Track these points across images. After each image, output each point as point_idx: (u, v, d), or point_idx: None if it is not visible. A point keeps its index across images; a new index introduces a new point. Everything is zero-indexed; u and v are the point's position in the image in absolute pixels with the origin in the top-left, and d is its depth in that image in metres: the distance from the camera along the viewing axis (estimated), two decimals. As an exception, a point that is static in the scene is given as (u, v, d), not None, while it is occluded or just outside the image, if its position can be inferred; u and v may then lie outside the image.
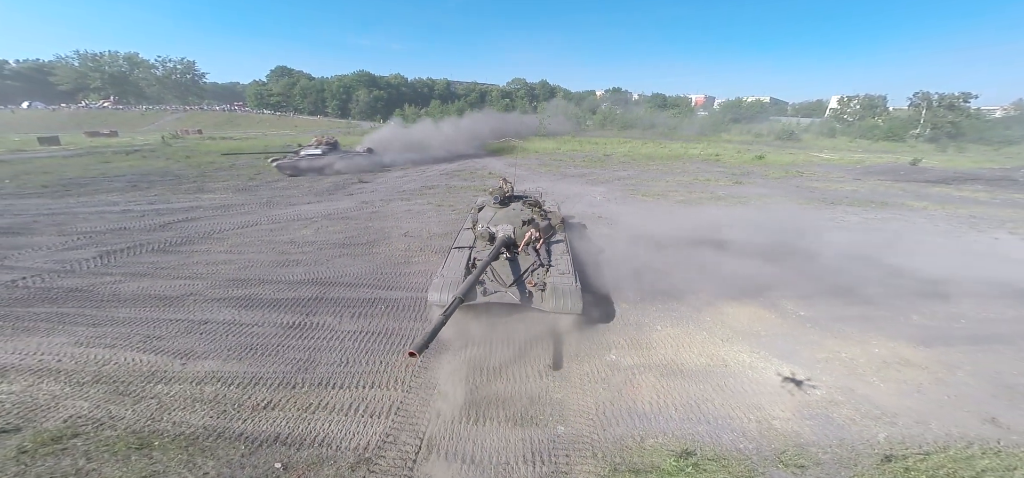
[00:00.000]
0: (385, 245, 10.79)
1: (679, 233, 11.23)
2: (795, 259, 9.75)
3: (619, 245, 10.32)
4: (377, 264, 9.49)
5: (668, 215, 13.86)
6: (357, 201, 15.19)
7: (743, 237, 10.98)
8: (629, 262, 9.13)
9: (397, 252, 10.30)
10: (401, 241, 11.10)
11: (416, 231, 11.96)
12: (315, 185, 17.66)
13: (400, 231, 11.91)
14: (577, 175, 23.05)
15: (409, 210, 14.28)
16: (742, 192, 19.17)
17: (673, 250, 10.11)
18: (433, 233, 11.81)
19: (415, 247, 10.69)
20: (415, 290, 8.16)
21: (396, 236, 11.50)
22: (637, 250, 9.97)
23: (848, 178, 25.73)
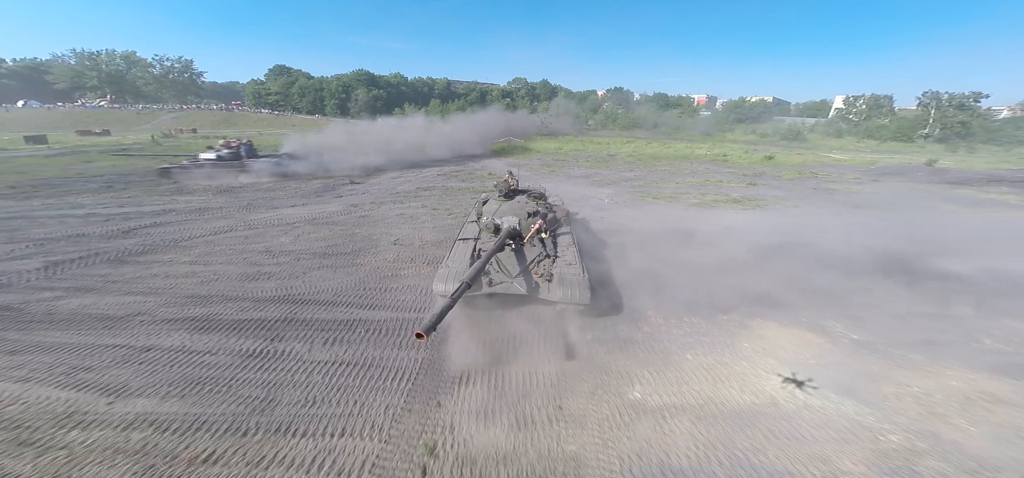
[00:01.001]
0: (371, 255, 9.68)
1: (697, 242, 10.12)
2: (836, 274, 8.63)
3: (633, 256, 9.20)
4: (360, 277, 8.37)
5: (680, 219, 12.72)
6: (345, 204, 14.09)
7: (769, 241, 9.87)
8: (646, 277, 8.02)
9: (384, 263, 9.19)
10: (390, 250, 9.99)
11: (407, 238, 10.85)
12: (303, 187, 16.55)
13: (390, 238, 10.80)
14: (582, 176, 21.94)
15: (402, 214, 13.17)
16: (757, 195, 18.04)
17: (690, 260, 8.99)
18: (426, 241, 10.70)
19: (405, 257, 9.58)
20: (403, 310, 7.05)
21: (385, 244, 10.39)
22: (652, 261, 8.85)
23: (864, 179, 24.63)
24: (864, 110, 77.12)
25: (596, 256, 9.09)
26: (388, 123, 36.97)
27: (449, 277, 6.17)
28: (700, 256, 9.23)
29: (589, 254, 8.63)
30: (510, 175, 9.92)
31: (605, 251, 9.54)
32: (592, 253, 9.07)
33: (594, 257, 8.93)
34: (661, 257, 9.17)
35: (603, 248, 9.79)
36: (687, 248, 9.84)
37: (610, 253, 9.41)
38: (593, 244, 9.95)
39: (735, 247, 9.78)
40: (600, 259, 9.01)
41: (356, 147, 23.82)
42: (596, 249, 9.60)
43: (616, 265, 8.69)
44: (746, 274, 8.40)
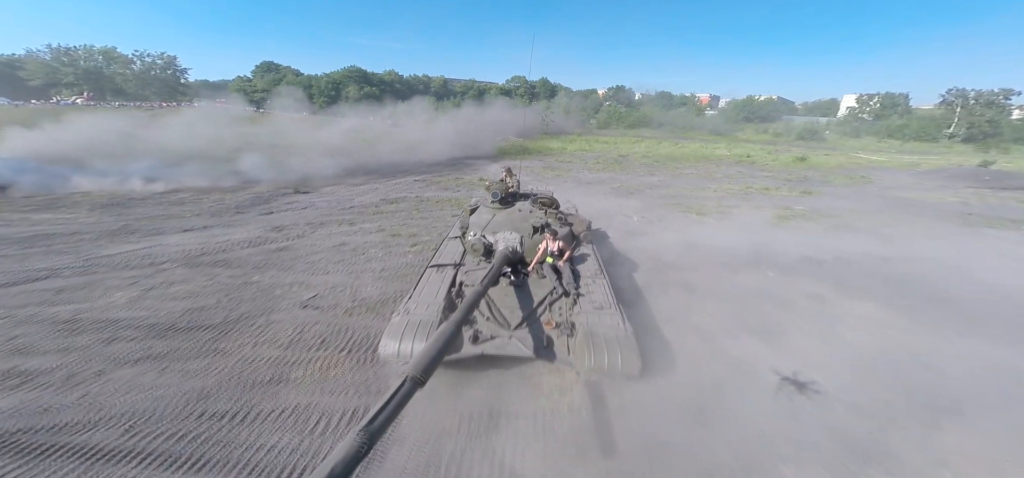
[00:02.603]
0: (252, 332, 5.50)
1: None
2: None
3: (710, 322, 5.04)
4: (197, 389, 4.24)
5: (771, 253, 8.57)
6: (267, 227, 9.84)
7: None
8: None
9: (266, 354, 5.03)
10: (289, 320, 5.82)
11: (331, 294, 6.66)
12: (226, 199, 12.31)
13: (302, 294, 6.61)
14: (594, 182, 17.78)
15: (343, 244, 8.97)
16: (825, 208, 13.92)
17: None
18: (362, 300, 6.52)
19: (311, 338, 5.41)
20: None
21: (287, 306, 6.22)
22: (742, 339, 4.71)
23: (924, 184, 20.62)
24: (878, 108, 73.78)
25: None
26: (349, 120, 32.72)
27: (408, 331, 4.13)
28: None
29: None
30: (507, 174, 7.72)
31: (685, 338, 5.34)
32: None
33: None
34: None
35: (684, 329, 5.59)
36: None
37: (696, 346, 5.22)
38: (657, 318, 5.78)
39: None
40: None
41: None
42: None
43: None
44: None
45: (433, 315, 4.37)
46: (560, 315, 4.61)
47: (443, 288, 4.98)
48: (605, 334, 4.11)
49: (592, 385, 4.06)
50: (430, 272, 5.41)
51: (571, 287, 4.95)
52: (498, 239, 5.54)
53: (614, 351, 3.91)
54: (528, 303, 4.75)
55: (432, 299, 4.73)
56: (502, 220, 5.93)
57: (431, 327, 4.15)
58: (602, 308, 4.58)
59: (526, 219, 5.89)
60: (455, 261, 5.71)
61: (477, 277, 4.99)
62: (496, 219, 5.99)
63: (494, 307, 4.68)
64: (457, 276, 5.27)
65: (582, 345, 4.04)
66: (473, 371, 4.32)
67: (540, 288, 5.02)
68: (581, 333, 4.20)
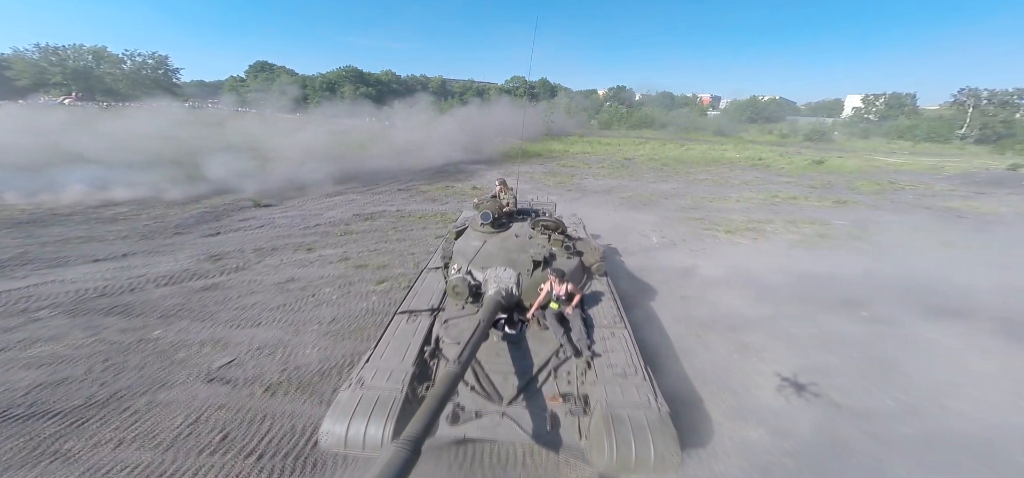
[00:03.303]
0: (120, 423, 3.72)
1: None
2: None
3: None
4: None
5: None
6: (201, 255, 7.94)
7: None
8: None
9: (128, 466, 3.30)
10: (182, 404, 4.02)
11: (256, 359, 4.84)
12: (168, 216, 10.38)
13: (215, 358, 4.79)
14: (601, 190, 15.93)
15: (290, 281, 7.11)
16: (869, 220, 12.11)
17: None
18: (300, 367, 4.71)
19: (207, 436, 3.67)
20: None
21: (187, 378, 4.39)
22: None
23: (962, 191, 18.80)
24: (883, 109, 72.43)
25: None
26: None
27: (362, 408, 2.97)
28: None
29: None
30: (502, 187, 6.38)
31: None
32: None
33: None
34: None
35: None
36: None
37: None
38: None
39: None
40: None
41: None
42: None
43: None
44: None
45: (397, 387, 3.24)
46: (569, 383, 3.54)
47: (414, 345, 3.76)
48: (631, 414, 3.11)
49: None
50: (399, 321, 4.15)
51: (583, 344, 3.76)
52: (488, 278, 4.31)
53: (644, 439, 2.93)
54: (526, 366, 3.64)
55: (398, 362, 3.52)
56: (494, 250, 4.62)
57: (394, 405, 3.04)
58: (626, 375, 3.47)
59: (524, 248, 4.58)
60: (433, 305, 4.44)
61: (461, 330, 3.88)
62: (487, 248, 4.66)
63: (481, 372, 3.55)
64: (433, 327, 4.06)
65: (599, 428, 3.06)
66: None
67: (542, 344, 3.87)
68: (598, 411, 3.16)
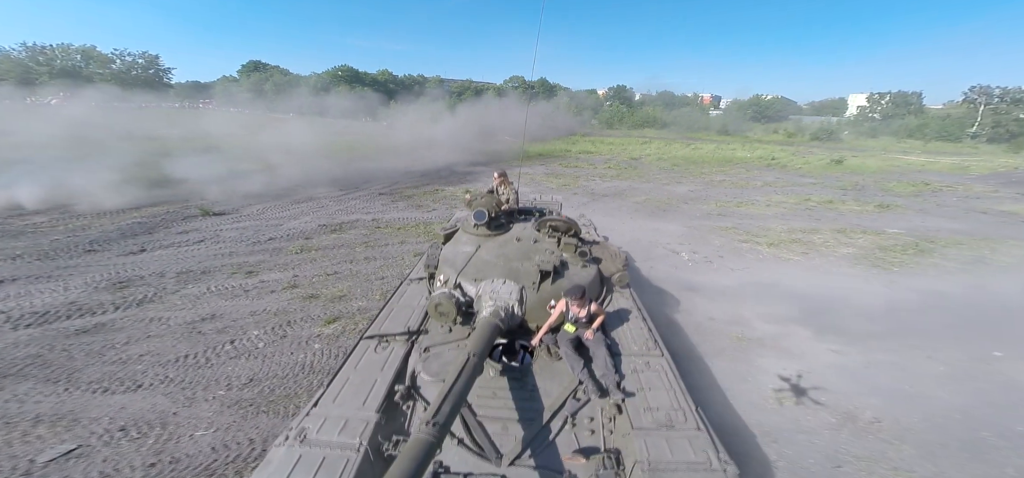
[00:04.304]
0: None
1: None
2: None
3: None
4: None
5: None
6: (102, 281, 6.09)
7: None
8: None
9: None
10: None
11: (112, 447, 3.10)
12: (90, 228, 8.52)
13: (46, 446, 3.02)
14: (611, 193, 14.11)
15: (208, 319, 5.29)
16: (929, 227, 10.33)
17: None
18: (178, 460, 2.94)
19: None
20: None
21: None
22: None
23: (1004, 193, 17.10)
24: (889, 108, 71.48)
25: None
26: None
27: (302, 473, 2.10)
28: None
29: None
30: (501, 180, 5.22)
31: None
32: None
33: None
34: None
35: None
36: None
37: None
38: None
39: None
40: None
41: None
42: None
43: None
44: None
45: (353, 443, 2.27)
46: (592, 434, 2.53)
47: (382, 382, 2.80)
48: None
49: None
50: (365, 347, 3.20)
51: (611, 380, 2.77)
52: (482, 293, 3.36)
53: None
54: (534, 411, 2.71)
55: (357, 407, 2.56)
56: (490, 257, 3.76)
57: (346, 470, 2.10)
58: (672, 424, 2.46)
59: (529, 254, 3.72)
60: (410, 327, 3.46)
61: (445, 362, 2.95)
62: (481, 254, 3.81)
63: (472, 421, 2.58)
64: (410, 357, 3.13)
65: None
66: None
67: (554, 380, 2.94)
68: (636, 474, 2.17)
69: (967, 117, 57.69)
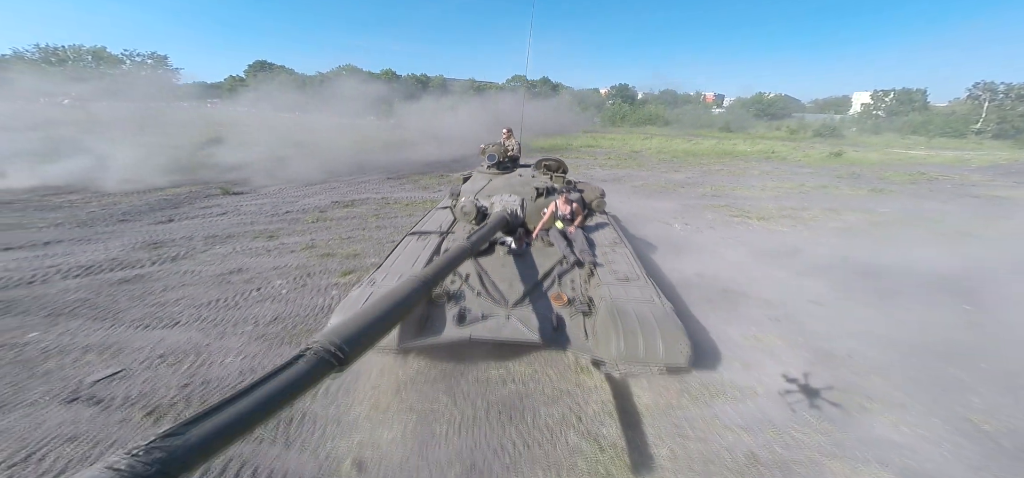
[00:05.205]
0: None
1: None
2: None
3: None
4: None
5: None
6: (139, 242, 6.58)
7: None
8: None
9: None
10: (17, 434, 2.74)
11: (151, 371, 3.57)
12: (120, 203, 9.10)
13: (94, 370, 3.53)
14: (609, 179, 14.56)
15: (236, 272, 5.79)
16: (925, 210, 10.68)
17: None
18: (206, 382, 3.47)
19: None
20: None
21: (42, 396, 3.13)
22: None
23: (1002, 181, 17.33)
24: (893, 105, 71.18)
25: None
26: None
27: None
28: None
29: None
30: (508, 134, 6.58)
31: None
32: None
33: None
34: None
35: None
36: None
37: None
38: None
39: None
40: None
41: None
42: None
43: None
44: None
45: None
46: (573, 289, 3.69)
47: (424, 256, 4.02)
48: (636, 311, 3.11)
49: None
50: (408, 240, 4.50)
51: (586, 255, 4.02)
52: (494, 202, 4.69)
53: (650, 333, 2.91)
54: (531, 275, 3.83)
55: (408, 268, 3.77)
56: (500, 185, 5.01)
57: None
58: (628, 280, 3.59)
59: (528, 184, 4.96)
60: (441, 229, 4.75)
61: (467, 239, 3.84)
62: (493, 184, 5.10)
63: (487, 280, 3.71)
64: (442, 245, 4.40)
65: (606, 322, 3.09)
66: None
67: (546, 258, 4.14)
68: (603, 310, 3.23)
69: (972, 114, 57.52)
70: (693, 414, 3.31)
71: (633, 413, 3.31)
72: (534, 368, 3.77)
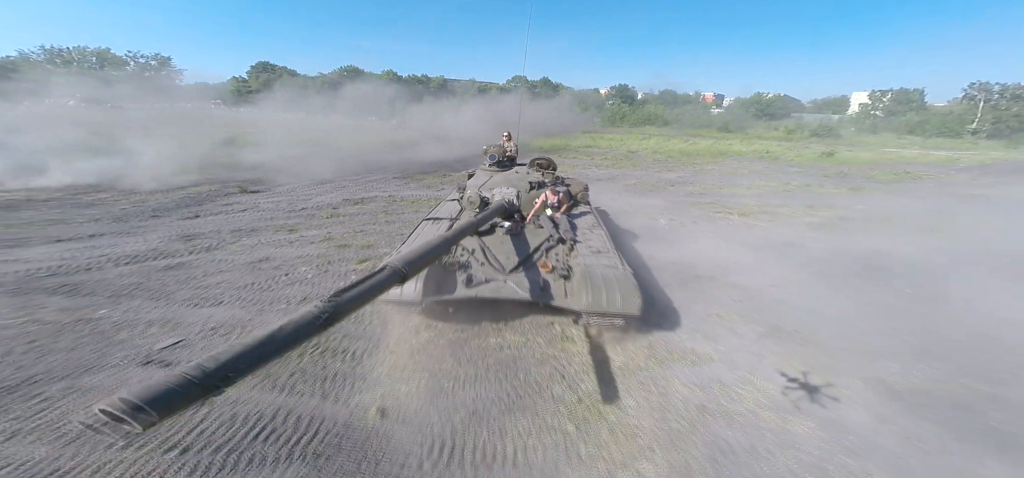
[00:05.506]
0: (20, 412, 3.09)
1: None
2: None
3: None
4: None
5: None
6: (173, 236, 7.29)
7: None
8: None
9: (21, 462, 2.67)
10: (106, 390, 3.42)
11: (205, 340, 4.27)
12: (148, 201, 9.83)
13: (159, 339, 4.22)
14: (603, 178, 15.27)
15: (264, 260, 6.48)
16: (895, 207, 11.35)
17: None
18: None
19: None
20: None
21: (121, 360, 3.81)
22: None
23: (984, 180, 17.95)
24: (891, 105, 71.57)
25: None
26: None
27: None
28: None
29: None
30: (506, 138, 7.72)
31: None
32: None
33: None
34: None
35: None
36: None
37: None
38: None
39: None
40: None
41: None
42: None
43: None
44: None
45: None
46: (557, 260, 4.55)
47: (438, 234, 4.46)
48: (603, 274, 4.13)
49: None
50: (425, 224, 5.47)
51: (569, 235, 4.95)
52: (494, 194, 5.52)
53: (612, 290, 3.92)
54: (524, 250, 4.72)
55: (426, 241, 4.26)
56: (499, 180, 5.91)
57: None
58: (599, 252, 4.65)
59: (523, 179, 5.88)
60: (452, 216, 5.68)
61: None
62: (493, 179, 6.01)
63: (489, 253, 4.61)
64: (453, 226, 5.05)
65: (580, 285, 4.08)
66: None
67: (537, 237, 4.98)
68: (578, 274, 4.24)
69: (968, 114, 58.07)
70: (657, 374, 4.02)
71: (608, 372, 4.02)
72: (526, 337, 4.49)
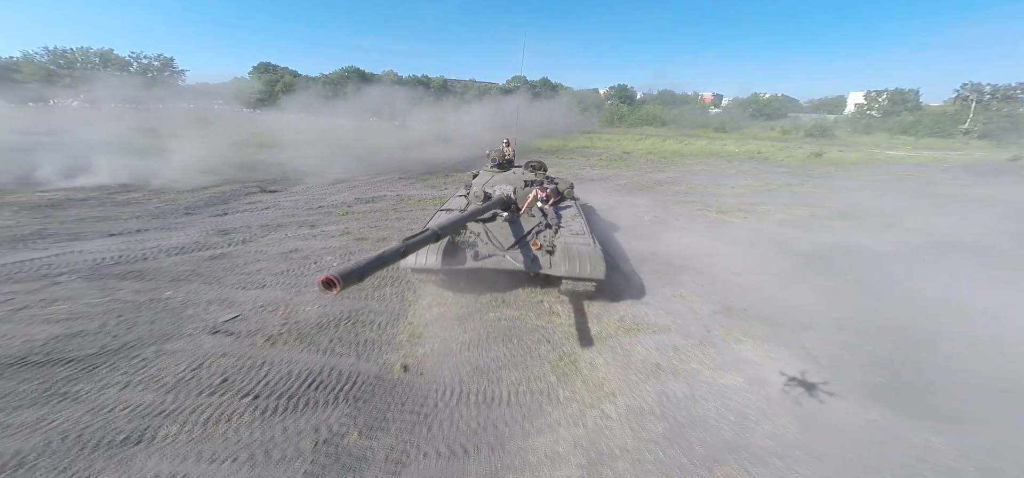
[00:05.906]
0: (127, 369, 4.08)
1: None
2: None
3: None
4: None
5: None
6: (211, 230, 8.26)
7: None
8: None
9: (131, 405, 3.68)
10: (186, 353, 4.38)
11: (258, 315, 5.19)
12: (178, 200, 10.80)
13: (220, 315, 5.15)
14: (597, 179, 16.20)
15: (294, 251, 7.43)
16: (868, 204, 12.29)
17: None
18: (300, 320, 5.10)
19: (208, 379, 4.06)
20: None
21: (193, 331, 4.76)
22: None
23: (961, 180, 18.86)
24: (886, 105, 72.26)
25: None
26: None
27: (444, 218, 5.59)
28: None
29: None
30: (506, 144, 9.06)
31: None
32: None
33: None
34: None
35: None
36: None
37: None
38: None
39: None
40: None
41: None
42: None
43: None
44: None
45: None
46: (544, 240, 5.69)
47: (451, 218, 5.78)
48: (578, 250, 5.35)
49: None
50: (439, 214, 6.75)
51: (554, 222, 6.26)
52: (495, 189, 6.74)
53: (585, 261, 5.20)
54: (519, 232, 5.87)
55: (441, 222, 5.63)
56: (499, 179, 7.18)
57: (441, 244, 5.35)
58: (577, 234, 5.93)
59: (519, 178, 7.13)
60: (461, 208, 6.86)
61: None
62: (494, 178, 7.25)
63: (491, 235, 5.76)
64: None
65: (560, 258, 5.32)
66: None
67: (529, 223, 6.15)
68: (560, 250, 5.42)
69: (960, 114, 58.96)
70: (624, 340, 4.97)
71: (586, 338, 4.98)
72: (520, 312, 5.45)
